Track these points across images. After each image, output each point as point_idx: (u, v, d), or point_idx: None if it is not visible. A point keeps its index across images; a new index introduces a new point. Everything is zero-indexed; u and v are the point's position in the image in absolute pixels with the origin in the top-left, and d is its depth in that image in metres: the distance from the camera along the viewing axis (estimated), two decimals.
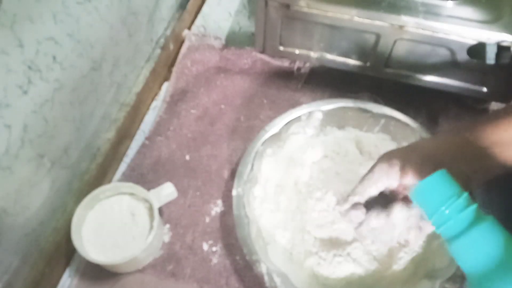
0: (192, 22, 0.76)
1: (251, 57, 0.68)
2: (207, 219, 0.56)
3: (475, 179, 0.41)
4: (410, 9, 0.53)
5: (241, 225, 0.50)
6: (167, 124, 0.63)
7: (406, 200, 0.44)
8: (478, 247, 0.32)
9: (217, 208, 0.57)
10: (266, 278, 0.47)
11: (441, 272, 0.47)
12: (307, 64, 0.68)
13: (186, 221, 0.55)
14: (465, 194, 0.34)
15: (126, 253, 0.48)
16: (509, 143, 0.41)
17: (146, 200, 0.52)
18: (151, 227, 0.50)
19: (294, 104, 0.61)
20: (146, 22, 0.64)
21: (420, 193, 0.36)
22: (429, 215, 0.35)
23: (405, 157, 0.43)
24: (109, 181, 0.60)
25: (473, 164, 0.41)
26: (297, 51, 0.62)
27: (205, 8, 0.78)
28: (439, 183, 0.35)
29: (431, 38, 0.53)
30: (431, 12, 0.53)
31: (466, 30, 0.52)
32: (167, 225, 0.55)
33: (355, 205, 0.46)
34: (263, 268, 0.47)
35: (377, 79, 0.61)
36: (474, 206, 0.33)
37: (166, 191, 0.52)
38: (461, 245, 0.33)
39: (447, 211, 0.33)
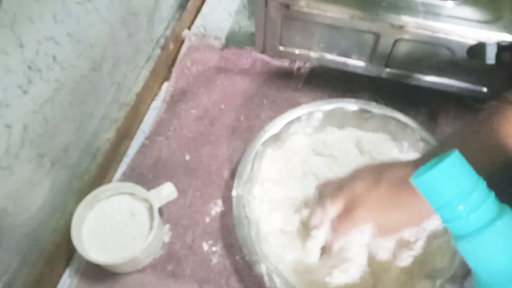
0: (192, 22, 0.76)
1: (251, 57, 0.68)
2: (207, 219, 0.56)
3: None
4: (410, 9, 0.53)
5: (241, 225, 0.50)
6: (167, 124, 0.63)
7: None
8: (497, 245, 0.28)
9: (217, 208, 0.57)
10: (266, 278, 0.47)
11: (441, 272, 0.47)
12: (307, 64, 0.68)
13: (186, 221, 0.55)
14: (482, 184, 0.29)
15: (126, 253, 0.48)
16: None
17: (146, 200, 0.52)
18: (151, 227, 0.50)
19: (294, 104, 0.61)
20: (146, 22, 0.64)
21: (426, 182, 0.29)
22: (437, 208, 0.30)
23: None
24: (109, 181, 0.60)
25: None
26: (297, 51, 0.62)
27: (205, 8, 0.78)
28: (450, 170, 0.28)
29: (431, 38, 0.53)
30: (431, 12, 0.53)
31: (466, 30, 0.51)
32: (167, 225, 0.55)
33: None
34: (263, 269, 0.47)
35: (377, 79, 0.61)
36: (491, 199, 0.29)
37: (166, 191, 0.52)
38: (476, 243, 0.29)
39: (460, 207, 0.28)
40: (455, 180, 0.29)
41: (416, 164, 0.46)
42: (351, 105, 0.58)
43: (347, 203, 0.46)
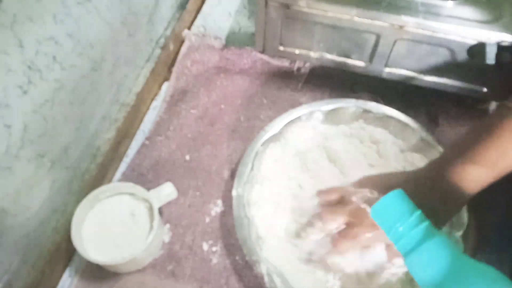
0: (192, 22, 0.76)
1: (251, 57, 0.68)
2: (207, 219, 0.56)
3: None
4: (410, 9, 0.53)
5: (241, 225, 0.50)
6: (167, 124, 0.63)
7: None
8: (428, 262, 0.35)
9: (217, 208, 0.57)
10: (266, 278, 0.47)
11: None
12: (307, 64, 0.68)
13: (186, 221, 0.55)
14: (418, 212, 0.37)
15: (126, 253, 0.48)
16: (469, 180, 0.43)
17: (146, 200, 0.52)
18: (151, 227, 0.50)
19: (294, 104, 0.61)
20: (146, 22, 0.64)
21: (378, 211, 0.39)
22: (387, 232, 0.38)
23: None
24: (109, 181, 0.60)
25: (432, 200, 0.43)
26: (297, 51, 0.62)
27: (205, 8, 0.78)
28: (395, 202, 0.38)
29: (431, 38, 0.53)
30: (431, 12, 0.53)
31: (466, 30, 0.52)
32: (167, 225, 0.55)
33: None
34: (263, 269, 0.47)
35: (377, 79, 0.61)
36: (425, 224, 0.36)
37: (166, 191, 0.52)
38: (414, 259, 0.36)
39: (400, 228, 0.37)
40: (395, 209, 0.38)
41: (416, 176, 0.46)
42: (351, 105, 0.58)
43: (349, 219, 0.46)
